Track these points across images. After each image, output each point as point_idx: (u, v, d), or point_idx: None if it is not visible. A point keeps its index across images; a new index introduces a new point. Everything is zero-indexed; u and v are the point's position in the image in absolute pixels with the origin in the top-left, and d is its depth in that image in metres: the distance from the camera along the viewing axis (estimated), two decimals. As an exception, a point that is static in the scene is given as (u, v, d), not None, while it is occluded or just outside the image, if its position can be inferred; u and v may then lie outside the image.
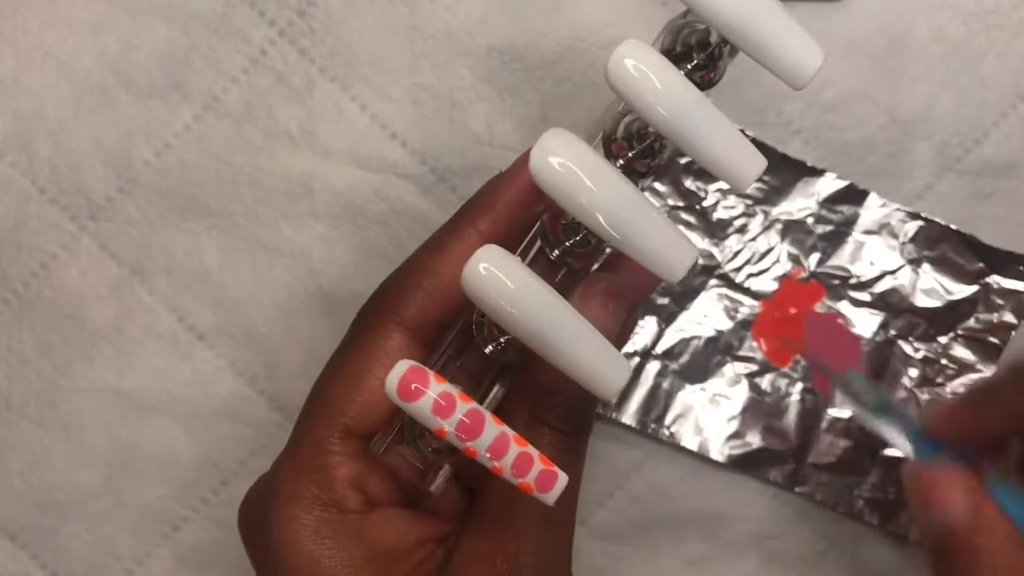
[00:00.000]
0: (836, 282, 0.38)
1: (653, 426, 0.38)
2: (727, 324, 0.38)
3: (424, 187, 0.38)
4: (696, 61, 0.26)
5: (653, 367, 0.38)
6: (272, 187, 0.38)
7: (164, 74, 0.37)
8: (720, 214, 0.38)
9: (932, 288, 0.38)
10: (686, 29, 0.26)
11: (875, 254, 0.38)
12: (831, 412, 0.38)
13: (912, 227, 0.38)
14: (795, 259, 0.38)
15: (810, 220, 0.38)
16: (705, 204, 0.38)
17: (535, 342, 0.24)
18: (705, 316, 0.38)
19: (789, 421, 0.38)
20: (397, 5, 0.37)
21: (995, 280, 0.38)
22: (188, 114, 0.38)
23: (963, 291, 0.38)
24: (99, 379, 0.38)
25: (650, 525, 0.39)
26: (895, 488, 0.38)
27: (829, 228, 0.38)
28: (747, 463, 0.38)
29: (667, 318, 0.38)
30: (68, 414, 0.38)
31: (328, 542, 0.26)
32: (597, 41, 0.37)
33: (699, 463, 0.38)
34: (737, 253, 0.38)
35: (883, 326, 0.38)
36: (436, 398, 0.24)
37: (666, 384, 0.38)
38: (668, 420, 0.38)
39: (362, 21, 0.37)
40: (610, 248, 0.27)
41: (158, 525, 0.39)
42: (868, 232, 0.38)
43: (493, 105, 0.37)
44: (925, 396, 0.38)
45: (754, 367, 0.38)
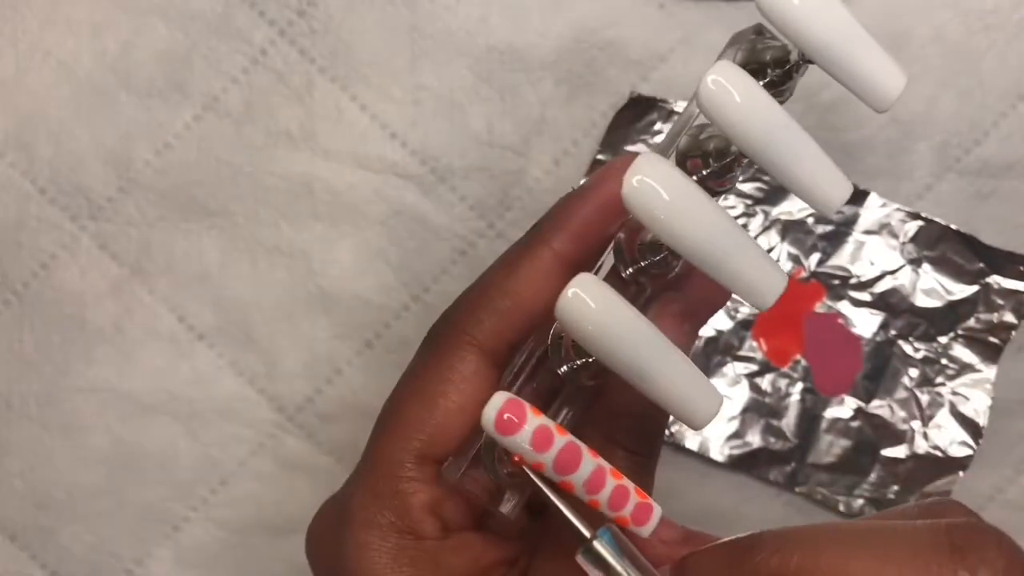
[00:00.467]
0: (836, 282, 0.38)
1: (653, 426, 0.38)
2: (727, 324, 0.38)
3: (424, 187, 0.38)
4: (770, 78, 0.25)
5: (653, 367, 0.38)
6: (272, 187, 0.38)
7: (164, 74, 0.37)
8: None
9: (932, 288, 0.38)
10: (760, 44, 0.25)
11: (875, 254, 0.38)
12: (831, 412, 0.38)
13: (912, 227, 0.38)
14: (795, 259, 0.38)
15: (810, 220, 0.38)
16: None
17: (628, 371, 0.24)
18: (705, 316, 0.38)
19: (789, 421, 0.38)
20: (397, 5, 0.37)
21: (995, 280, 0.38)
22: (188, 114, 0.38)
23: (963, 291, 0.38)
24: (99, 379, 0.38)
25: (650, 525, 0.39)
26: (895, 488, 0.38)
27: (829, 228, 0.38)
28: (747, 463, 0.38)
29: (667, 318, 0.38)
30: (68, 414, 0.38)
31: (406, 570, 0.26)
32: (597, 41, 0.37)
33: (699, 463, 0.38)
34: (737, 253, 0.38)
35: (883, 326, 0.38)
36: (534, 432, 0.24)
37: (666, 384, 0.38)
38: (669, 420, 0.38)
39: (362, 21, 0.37)
40: (680, 267, 0.26)
41: (158, 525, 0.39)
42: (868, 232, 0.38)
43: (493, 105, 0.37)
44: (925, 396, 0.38)
45: (754, 367, 0.38)
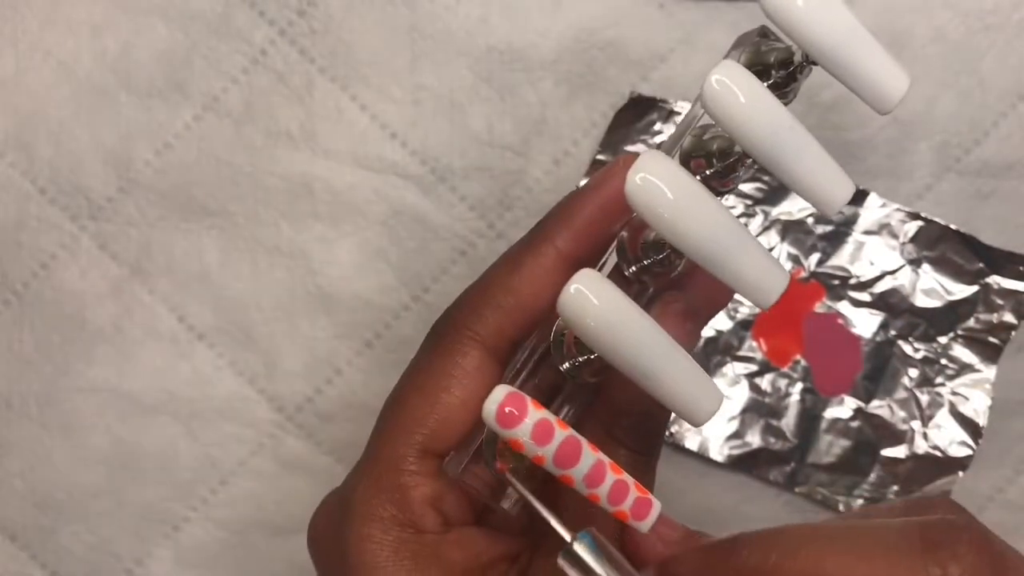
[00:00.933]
0: (836, 282, 0.38)
1: (653, 426, 0.38)
2: (727, 324, 0.38)
3: (424, 187, 0.38)
4: (774, 79, 0.25)
5: (653, 367, 0.38)
6: (272, 187, 0.38)
7: (164, 74, 0.37)
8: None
9: (932, 288, 0.38)
10: (765, 46, 0.25)
11: (875, 254, 0.38)
12: (831, 412, 0.38)
13: (912, 227, 0.38)
14: (795, 259, 0.38)
15: (810, 220, 0.38)
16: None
17: (630, 367, 0.24)
18: (705, 316, 0.38)
19: (789, 421, 0.38)
20: (397, 5, 0.37)
21: (995, 280, 0.38)
22: (188, 114, 0.38)
23: (963, 291, 0.38)
24: (99, 379, 0.38)
25: (650, 525, 0.39)
26: (895, 488, 0.38)
27: (829, 228, 0.38)
28: (747, 463, 0.38)
29: (667, 318, 0.38)
30: (68, 414, 0.38)
31: (406, 563, 0.26)
32: (597, 41, 0.37)
33: (699, 463, 0.38)
34: (737, 253, 0.38)
35: (883, 326, 0.38)
36: (535, 425, 0.24)
37: (666, 384, 0.38)
38: (669, 419, 0.38)
39: (362, 21, 0.37)
40: (682, 266, 0.26)
41: (158, 525, 0.39)
42: (868, 232, 0.38)
43: (493, 105, 0.37)
44: (925, 397, 0.38)
45: (754, 367, 0.38)
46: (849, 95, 0.24)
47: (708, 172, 0.26)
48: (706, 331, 0.38)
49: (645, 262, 0.26)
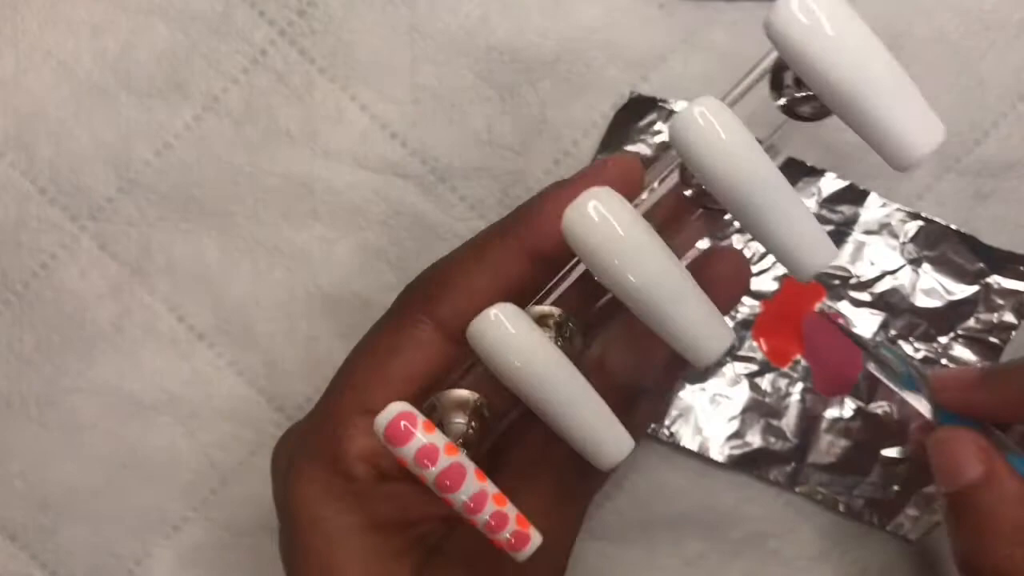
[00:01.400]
0: (836, 282, 0.38)
1: (653, 426, 0.38)
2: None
3: (424, 187, 0.38)
4: (807, 92, 0.23)
5: (653, 367, 0.38)
6: (272, 187, 0.38)
7: (164, 74, 0.37)
8: (720, 214, 0.38)
9: (932, 288, 0.38)
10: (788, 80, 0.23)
11: (875, 254, 0.38)
12: (831, 412, 0.38)
13: (912, 227, 0.38)
14: (795, 259, 0.38)
15: (810, 220, 0.38)
16: (705, 204, 0.38)
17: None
18: (705, 316, 0.38)
19: (789, 421, 0.38)
20: (397, 5, 0.37)
21: (995, 280, 0.38)
22: (188, 114, 0.38)
23: (963, 291, 0.38)
24: (99, 379, 0.38)
25: (649, 525, 0.39)
26: (895, 488, 0.38)
27: (829, 228, 0.38)
28: (747, 463, 0.38)
29: (667, 318, 0.38)
30: (68, 414, 0.38)
31: (333, 504, 0.28)
32: (597, 41, 0.37)
33: (699, 463, 0.38)
34: (737, 253, 0.38)
35: (883, 326, 0.38)
36: (419, 448, 0.24)
37: (666, 384, 0.38)
38: (668, 420, 0.38)
39: (362, 21, 0.37)
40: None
41: (158, 525, 0.39)
42: (868, 232, 0.38)
43: (493, 105, 0.37)
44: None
45: (754, 367, 0.38)
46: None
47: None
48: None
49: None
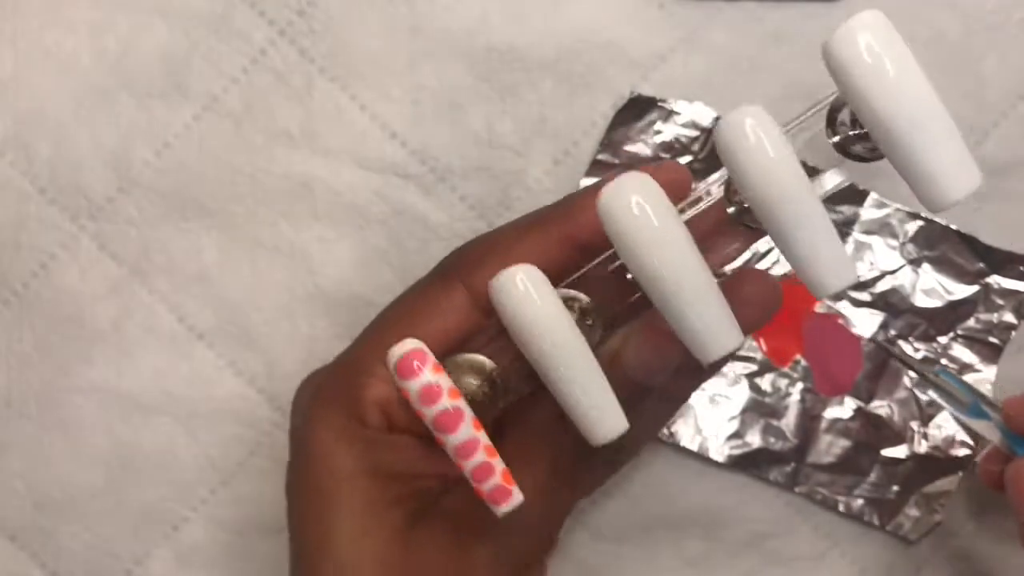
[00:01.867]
0: (836, 282, 0.38)
1: (653, 426, 0.38)
2: (727, 324, 0.38)
3: (424, 187, 0.38)
4: (860, 131, 0.24)
5: (653, 367, 0.38)
6: (272, 187, 0.38)
7: (164, 74, 0.37)
8: (720, 214, 0.38)
9: (932, 288, 0.38)
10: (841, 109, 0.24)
11: (875, 254, 0.38)
12: (831, 412, 0.38)
13: (912, 227, 0.38)
14: (795, 259, 0.38)
15: (810, 220, 0.38)
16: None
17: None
18: (705, 316, 0.38)
19: (789, 421, 0.38)
20: (397, 5, 0.37)
21: (995, 280, 0.38)
22: (188, 114, 0.38)
23: (963, 291, 0.38)
24: (99, 379, 0.38)
25: (650, 525, 0.39)
26: (895, 488, 0.38)
27: (829, 228, 0.38)
28: (747, 463, 0.38)
29: (667, 318, 0.38)
30: (68, 414, 0.38)
31: (343, 446, 0.29)
32: (597, 41, 0.37)
33: (699, 463, 0.38)
34: (737, 253, 0.38)
35: (883, 326, 0.38)
36: (425, 384, 0.26)
37: (666, 384, 0.38)
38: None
39: (362, 21, 0.37)
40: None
41: (158, 525, 0.39)
42: (868, 232, 0.38)
43: (493, 105, 0.37)
44: (925, 397, 0.38)
45: (754, 367, 0.38)
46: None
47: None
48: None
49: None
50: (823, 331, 0.38)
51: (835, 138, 0.24)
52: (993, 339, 0.38)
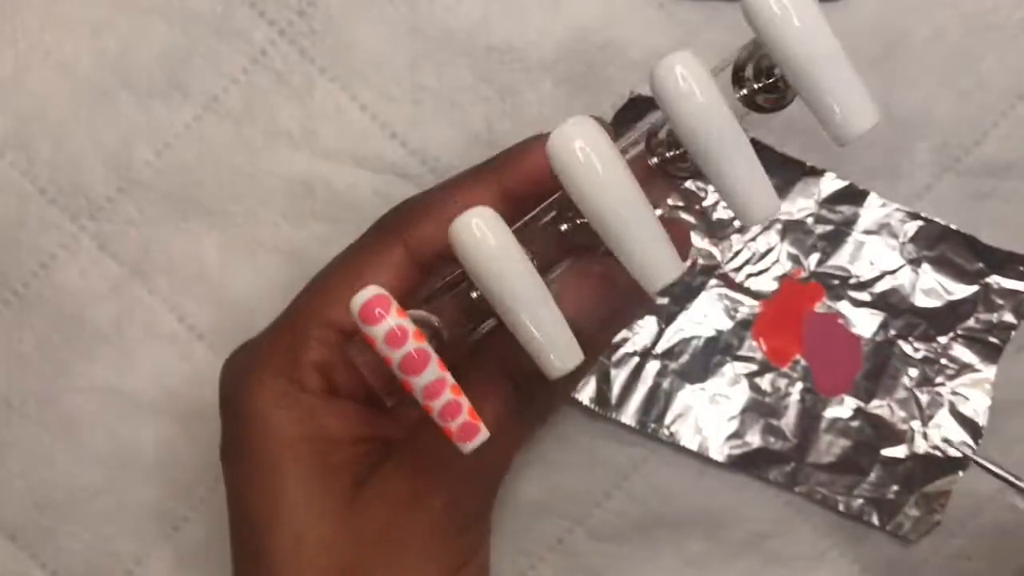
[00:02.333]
0: (836, 282, 0.38)
1: (653, 426, 0.38)
2: (727, 324, 0.38)
3: (424, 187, 0.38)
4: (763, 84, 0.26)
5: (653, 367, 0.38)
6: (272, 187, 0.38)
7: (164, 74, 0.37)
8: (720, 214, 0.38)
9: (932, 288, 0.38)
10: (762, 51, 0.26)
11: (875, 254, 0.38)
12: (831, 412, 0.38)
13: (912, 227, 0.38)
14: (795, 259, 0.38)
15: (810, 220, 0.38)
16: (705, 204, 0.38)
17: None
18: (705, 316, 0.38)
19: (789, 421, 0.38)
20: (397, 5, 0.37)
21: (995, 280, 0.38)
22: (188, 114, 0.38)
23: (963, 291, 0.38)
24: (99, 379, 0.38)
25: (650, 525, 0.39)
26: (895, 488, 0.38)
27: (829, 228, 0.38)
28: (747, 463, 0.38)
29: (667, 318, 0.38)
30: (68, 414, 0.38)
31: (282, 412, 0.29)
32: (597, 41, 0.37)
33: (699, 463, 0.38)
34: (737, 253, 0.38)
35: (883, 326, 0.38)
36: (392, 328, 0.25)
37: (666, 384, 0.38)
38: (668, 420, 0.38)
39: (362, 21, 0.37)
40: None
41: (158, 525, 0.39)
42: (868, 232, 0.38)
43: (493, 105, 0.37)
44: (925, 396, 0.38)
45: (754, 367, 0.38)
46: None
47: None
48: (706, 331, 0.38)
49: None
50: (823, 331, 0.38)
51: (741, 92, 0.27)
52: (993, 339, 0.38)
